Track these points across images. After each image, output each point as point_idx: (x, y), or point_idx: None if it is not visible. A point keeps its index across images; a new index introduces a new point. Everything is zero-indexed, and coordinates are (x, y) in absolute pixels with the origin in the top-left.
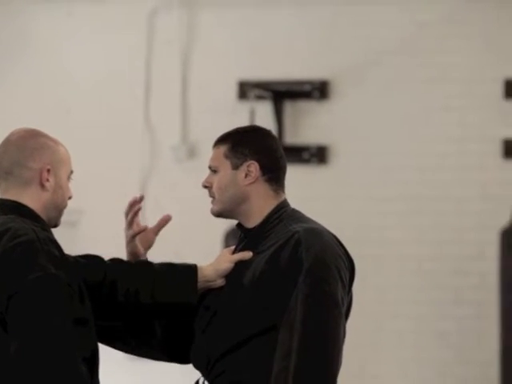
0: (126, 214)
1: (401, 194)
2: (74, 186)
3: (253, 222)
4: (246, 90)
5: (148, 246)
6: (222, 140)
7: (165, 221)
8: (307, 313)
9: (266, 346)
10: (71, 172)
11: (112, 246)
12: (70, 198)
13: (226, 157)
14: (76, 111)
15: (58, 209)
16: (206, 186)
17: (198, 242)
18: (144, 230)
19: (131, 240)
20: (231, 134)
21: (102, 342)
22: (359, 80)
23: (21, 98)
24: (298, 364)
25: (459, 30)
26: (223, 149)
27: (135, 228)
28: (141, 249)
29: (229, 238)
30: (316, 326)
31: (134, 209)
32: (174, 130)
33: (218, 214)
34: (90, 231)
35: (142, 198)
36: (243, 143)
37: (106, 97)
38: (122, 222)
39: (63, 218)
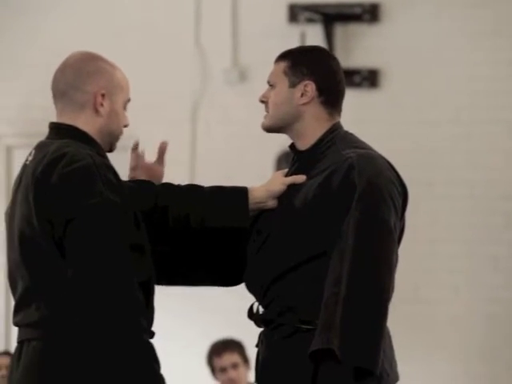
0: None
1: (452, 117)
2: None
3: (305, 143)
4: (296, 12)
5: (159, 179)
6: (283, 56)
7: (163, 149)
8: (359, 239)
9: (316, 271)
10: (128, 100)
11: None
12: (125, 126)
13: (285, 73)
14: (126, 36)
15: (113, 135)
16: (262, 101)
17: (249, 166)
18: (141, 163)
19: (132, 173)
20: (293, 52)
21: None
22: (410, 2)
23: (69, 23)
24: (348, 290)
25: None
26: (283, 65)
27: (132, 163)
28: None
29: (281, 161)
30: (367, 252)
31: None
32: (225, 53)
33: (268, 129)
34: None
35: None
36: (303, 62)
37: (156, 20)
38: (172, 146)
39: None
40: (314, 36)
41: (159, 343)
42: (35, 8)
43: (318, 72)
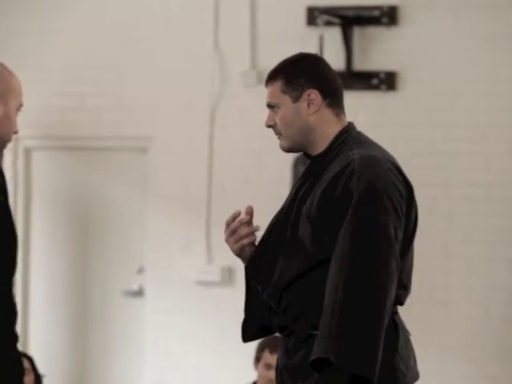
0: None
1: (469, 120)
2: (143, 113)
3: (319, 149)
4: (314, 15)
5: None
6: (273, 76)
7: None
8: (355, 245)
9: (323, 278)
10: (21, 105)
11: (181, 172)
12: (15, 133)
13: (284, 92)
14: (145, 39)
15: (3, 139)
16: (270, 126)
17: (266, 168)
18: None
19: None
20: (281, 68)
21: None
22: (428, 5)
23: (88, 26)
24: (344, 297)
25: None
26: (278, 85)
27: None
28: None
29: (297, 164)
30: (363, 258)
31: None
32: (244, 56)
33: (288, 150)
34: (160, 157)
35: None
36: (297, 74)
37: (174, 23)
38: (190, 148)
39: (133, 144)
40: (332, 39)
41: (178, 344)
42: (53, 11)
43: (315, 77)
